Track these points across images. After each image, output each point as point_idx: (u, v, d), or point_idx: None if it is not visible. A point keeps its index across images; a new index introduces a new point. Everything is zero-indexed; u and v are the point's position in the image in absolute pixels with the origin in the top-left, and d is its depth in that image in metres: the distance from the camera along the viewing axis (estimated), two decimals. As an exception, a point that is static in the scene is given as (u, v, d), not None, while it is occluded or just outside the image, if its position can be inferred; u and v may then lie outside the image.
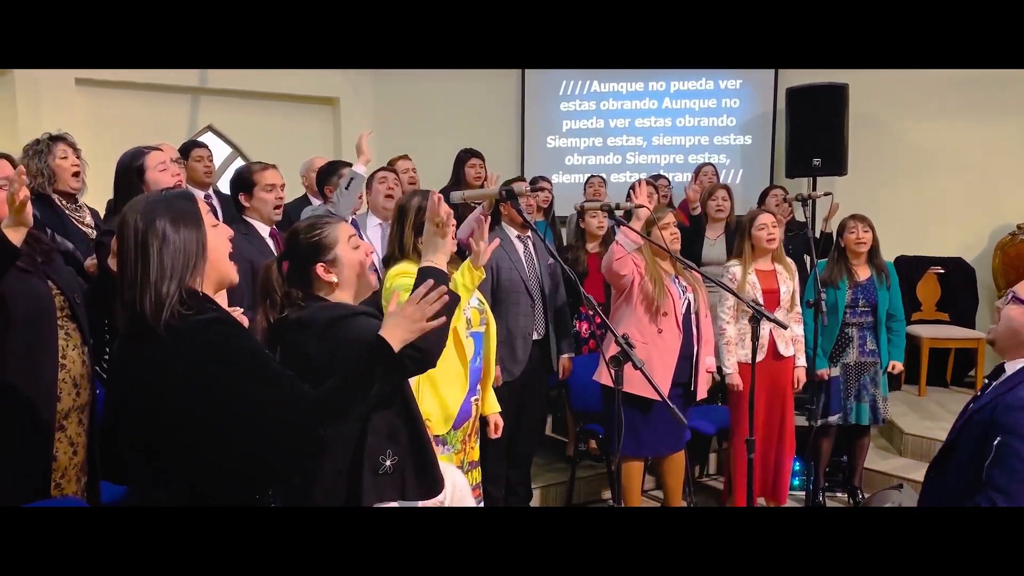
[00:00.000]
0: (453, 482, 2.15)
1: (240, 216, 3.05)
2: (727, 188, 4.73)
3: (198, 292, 1.48)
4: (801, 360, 3.75)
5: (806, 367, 3.75)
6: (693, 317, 3.47)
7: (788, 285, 3.71)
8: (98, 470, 2.41)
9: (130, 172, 2.69)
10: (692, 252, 4.51)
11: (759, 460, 3.65)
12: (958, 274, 5.85)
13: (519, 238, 3.64)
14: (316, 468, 1.83)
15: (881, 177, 6.04)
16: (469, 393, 2.58)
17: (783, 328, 3.12)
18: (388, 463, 1.89)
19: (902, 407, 4.95)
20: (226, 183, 4.17)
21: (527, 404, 3.58)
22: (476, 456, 2.72)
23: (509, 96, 6.69)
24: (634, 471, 3.52)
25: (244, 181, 3.05)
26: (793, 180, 5.84)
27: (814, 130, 5.57)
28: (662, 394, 2.00)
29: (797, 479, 4.14)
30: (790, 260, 3.85)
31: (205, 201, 2.21)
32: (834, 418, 3.90)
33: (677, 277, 3.48)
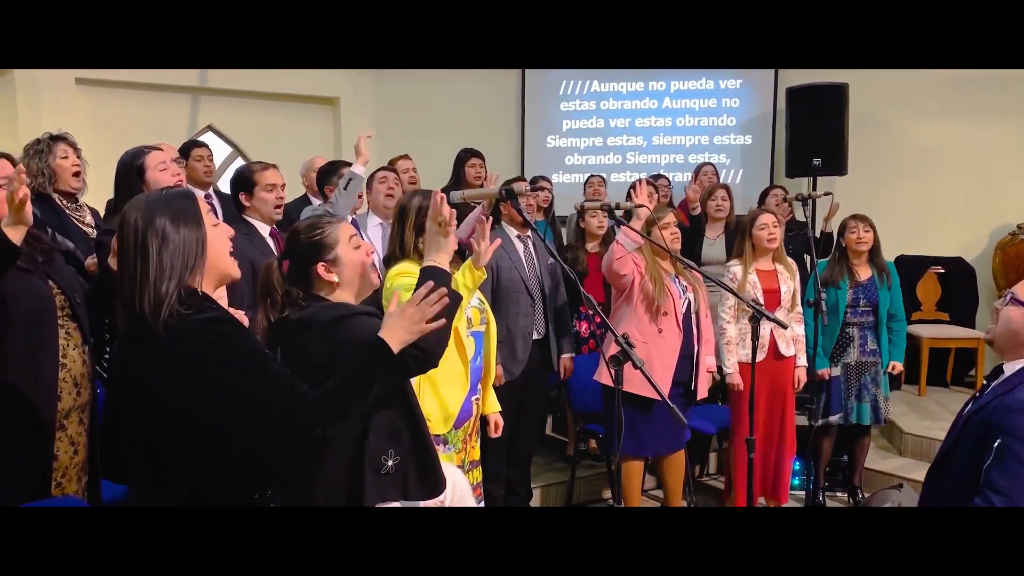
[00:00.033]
0: (453, 482, 2.15)
1: (240, 216, 3.05)
2: (727, 188, 4.73)
3: (197, 291, 1.48)
4: (802, 360, 3.75)
5: (807, 367, 3.75)
6: (693, 317, 3.47)
7: (789, 285, 3.71)
8: (99, 469, 2.41)
9: (130, 172, 2.69)
10: (692, 252, 4.51)
11: (759, 460, 3.66)
12: (958, 274, 5.86)
13: (519, 238, 3.64)
14: (317, 468, 1.83)
15: (881, 177, 6.04)
16: (470, 392, 2.58)
17: (783, 328, 3.12)
18: (390, 463, 1.89)
19: (902, 407, 4.95)
20: (226, 183, 4.17)
21: (527, 404, 3.58)
22: (477, 455, 2.72)
23: (509, 96, 6.69)
24: (634, 471, 3.52)
25: (245, 181, 3.05)
26: (793, 180, 5.84)
27: (814, 130, 5.58)
28: (662, 394, 1.99)
29: (797, 479, 4.14)
30: (791, 260, 3.85)
31: (205, 201, 2.20)
32: (835, 418, 3.90)
33: (677, 277, 3.48)
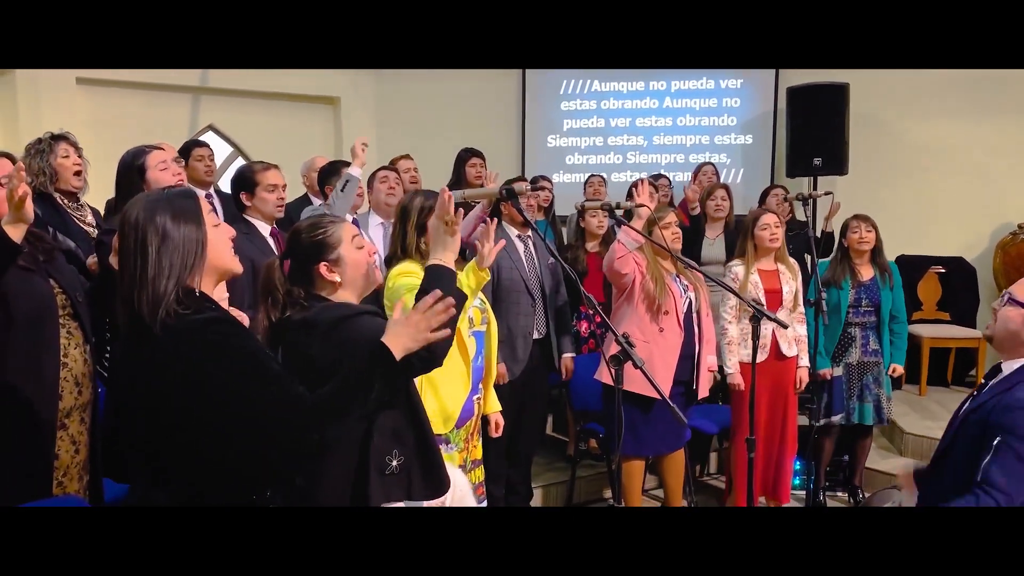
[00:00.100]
0: (454, 482, 2.15)
1: (241, 215, 3.05)
2: (726, 188, 4.74)
3: (195, 291, 1.47)
4: (804, 360, 3.74)
5: (809, 367, 3.75)
6: (695, 316, 3.47)
7: (791, 285, 3.70)
8: (100, 468, 2.41)
9: (131, 171, 2.69)
10: (691, 252, 4.51)
11: (761, 460, 3.66)
12: (959, 274, 5.85)
13: (519, 237, 3.64)
14: (322, 469, 1.82)
15: (882, 177, 6.04)
16: (471, 392, 2.59)
17: (783, 327, 3.12)
18: (394, 463, 1.88)
19: (903, 407, 4.95)
20: (227, 183, 4.17)
21: (528, 403, 3.58)
22: (479, 454, 2.73)
23: (510, 96, 6.69)
24: (635, 470, 3.52)
25: (246, 180, 3.05)
26: (794, 179, 5.84)
27: (815, 130, 5.58)
28: (662, 393, 1.99)
29: (798, 478, 4.14)
30: (793, 260, 3.84)
31: (206, 200, 2.21)
32: (837, 418, 3.90)
33: (679, 276, 3.48)
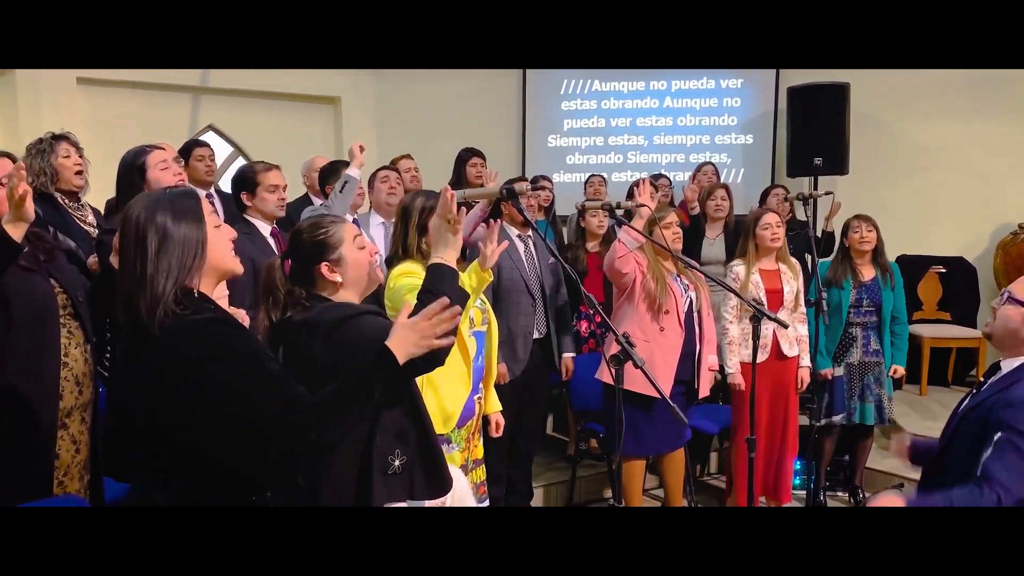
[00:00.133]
0: (454, 482, 2.15)
1: (241, 215, 3.05)
2: (726, 187, 4.74)
3: (194, 291, 1.47)
4: (806, 360, 3.74)
5: (810, 367, 3.75)
6: (695, 315, 3.47)
7: (792, 285, 3.70)
8: (100, 468, 2.41)
9: (132, 171, 2.69)
10: (691, 252, 4.51)
11: (761, 459, 3.66)
12: (959, 273, 5.85)
13: (520, 237, 3.63)
14: (324, 469, 1.82)
15: (882, 176, 6.04)
16: (472, 392, 2.59)
17: (784, 327, 3.12)
18: (397, 463, 1.88)
19: (903, 407, 4.95)
20: (227, 183, 4.18)
21: (528, 403, 3.58)
22: (480, 454, 2.74)
23: (510, 95, 6.70)
24: (635, 470, 3.52)
25: (247, 180, 3.05)
26: (794, 179, 5.84)
27: (815, 129, 5.58)
28: (663, 393, 2.00)
29: (798, 478, 4.14)
30: (794, 260, 3.84)
31: (207, 201, 2.21)
32: (838, 418, 3.90)
33: (679, 275, 3.48)
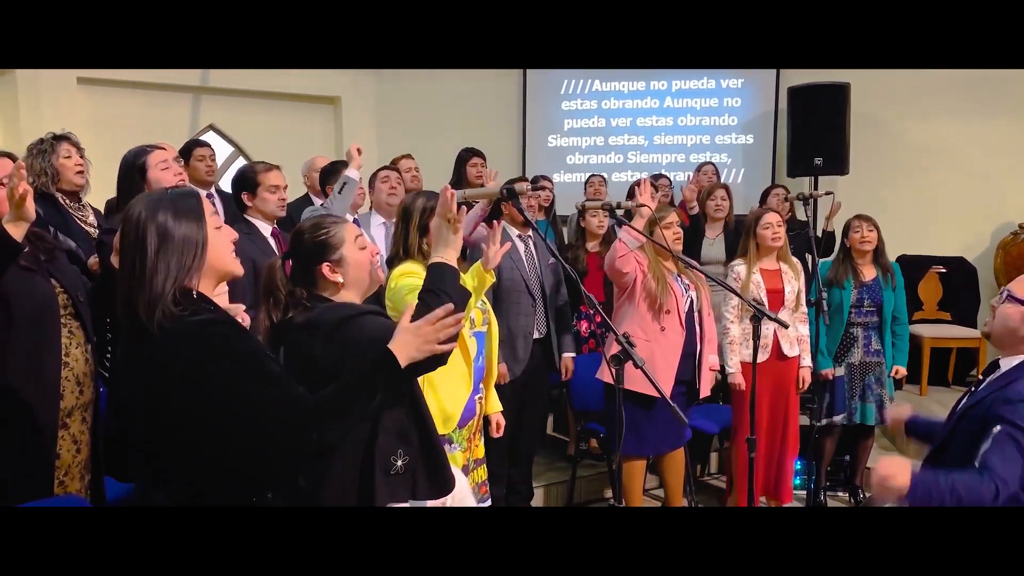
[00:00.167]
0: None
1: (242, 215, 3.05)
2: (726, 187, 4.74)
3: (193, 292, 1.47)
4: (807, 360, 3.74)
5: (811, 367, 3.75)
6: (696, 315, 3.47)
7: (793, 285, 3.70)
8: (101, 468, 2.41)
9: (132, 170, 2.69)
10: (691, 252, 4.51)
11: (762, 459, 3.66)
12: (960, 273, 5.85)
13: (520, 237, 3.63)
14: (327, 470, 1.82)
15: (882, 176, 6.04)
16: (473, 392, 2.59)
17: (784, 327, 3.12)
18: (399, 463, 1.88)
19: (903, 407, 4.94)
20: (227, 183, 4.18)
21: (528, 403, 3.58)
22: (481, 453, 2.74)
23: (511, 95, 6.70)
24: (636, 470, 3.52)
25: (248, 180, 3.05)
26: (794, 179, 5.84)
27: (816, 129, 5.58)
28: (663, 392, 2.00)
29: (798, 478, 4.14)
30: (796, 260, 3.84)
31: (209, 202, 2.21)
32: (839, 418, 3.90)
33: (680, 275, 3.48)
